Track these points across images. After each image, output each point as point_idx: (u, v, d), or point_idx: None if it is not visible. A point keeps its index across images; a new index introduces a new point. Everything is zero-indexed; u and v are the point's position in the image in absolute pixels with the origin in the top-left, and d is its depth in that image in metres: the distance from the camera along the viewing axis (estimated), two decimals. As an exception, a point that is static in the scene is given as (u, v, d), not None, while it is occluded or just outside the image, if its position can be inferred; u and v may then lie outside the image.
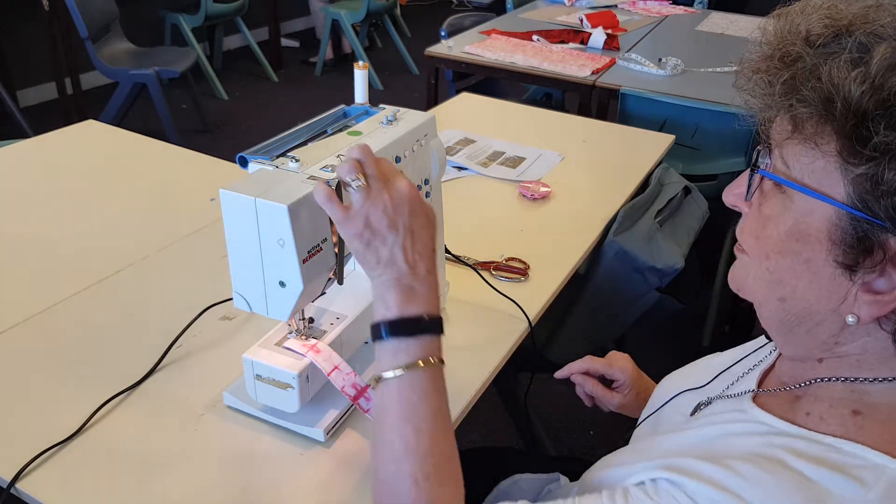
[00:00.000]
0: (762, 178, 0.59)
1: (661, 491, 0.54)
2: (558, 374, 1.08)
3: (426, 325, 0.70)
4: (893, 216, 0.49)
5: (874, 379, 0.56)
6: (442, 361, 0.71)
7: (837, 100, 0.49)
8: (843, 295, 0.54)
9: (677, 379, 0.85)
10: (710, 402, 0.71)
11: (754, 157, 0.59)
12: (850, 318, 0.54)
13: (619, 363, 1.05)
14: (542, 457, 1.62)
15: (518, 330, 1.08)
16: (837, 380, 0.58)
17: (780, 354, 0.71)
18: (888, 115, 0.48)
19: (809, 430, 0.56)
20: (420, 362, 0.69)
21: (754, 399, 0.65)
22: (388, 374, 0.69)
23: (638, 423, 0.88)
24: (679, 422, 0.75)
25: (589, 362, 1.07)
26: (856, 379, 0.57)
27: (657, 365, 1.02)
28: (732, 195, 0.63)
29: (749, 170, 0.60)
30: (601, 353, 1.11)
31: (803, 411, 0.59)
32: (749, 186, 0.60)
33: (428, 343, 0.70)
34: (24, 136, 2.38)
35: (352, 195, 0.70)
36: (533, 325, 1.09)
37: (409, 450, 0.67)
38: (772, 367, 0.71)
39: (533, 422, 1.83)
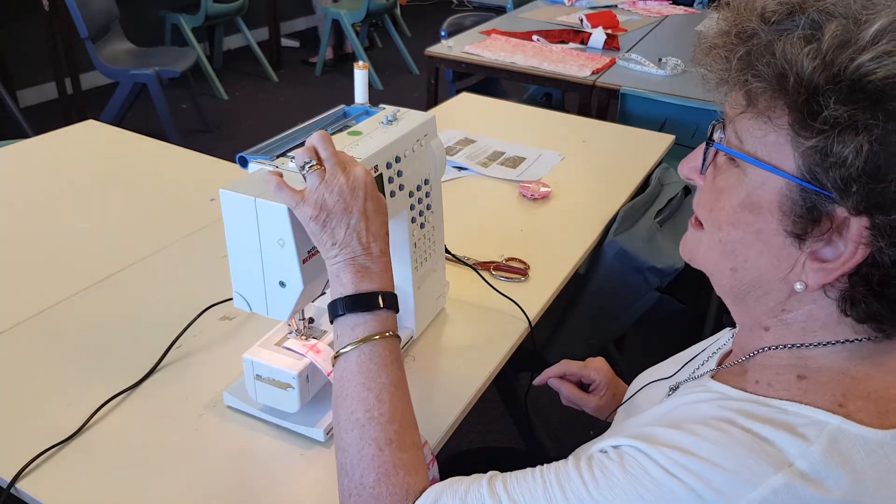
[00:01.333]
0: (717, 152, 0.61)
1: (625, 455, 0.57)
2: (536, 381, 1.10)
3: (380, 301, 0.72)
4: (841, 187, 0.51)
5: (817, 344, 0.59)
6: (398, 336, 0.74)
7: (790, 75, 0.51)
8: (791, 264, 0.56)
9: (648, 373, 0.89)
10: (678, 387, 0.75)
11: (709, 131, 0.62)
12: (798, 286, 0.57)
13: (594, 365, 1.08)
14: (541, 457, 1.62)
15: (518, 330, 1.08)
16: (783, 347, 0.61)
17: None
18: (838, 90, 0.49)
19: (759, 395, 0.59)
20: (377, 336, 0.71)
21: (713, 377, 0.68)
22: (347, 348, 0.71)
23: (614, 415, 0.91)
24: (649, 410, 0.76)
25: (564, 366, 1.09)
26: (801, 345, 0.59)
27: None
28: (687, 168, 0.65)
29: (704, 144, 0.62)
30: (601, 354, 1.12)
31: (753, 380, 0.62)
32: (704, 160, 0.63)
33: (384, 318, 0.73)
34: (24, 136, 2.38)
35: (307, 179, 0.73)
36: (533, 325, 1.09)
37: (372, 416, 0.69)
38: (731, 349, 0.74)
39: (533, 422, 1.83)
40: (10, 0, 3.81)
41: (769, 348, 0.62)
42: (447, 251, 1.15)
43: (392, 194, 0.90)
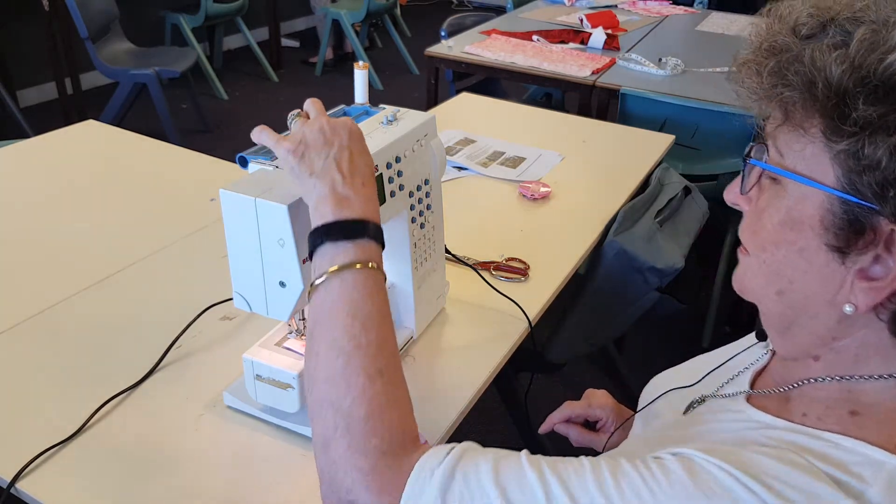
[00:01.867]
0: (760, 174, 0.60)
1: (691, 461, 0.53)
2: (541, 430, 1.04)
3: (364, 229, 0.67)
4: (878, 192, 0.49)
5: (870, 376, 0.56)
6: (383, 272, 0.69)
7: (819, 81, 0.51)
8: (838, 283, 0.54)
9: (667, 377, 0.85)
10: (704, 401, 0.71)
11: (747, 150, 0.60)
12: (847, 308, 0.54)
13: (598, 401, 1.02)
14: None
15: (518, 330, 1.08)
16: (832, 379, 0.58)
17: (773, 355, 0.71)
18: (867, 91, 0.49)
19: (808, 426, 0.56)
20: (358, 265, 0.66)
21: (748, 399, 0.65)
22: (324, 277, 0.65)
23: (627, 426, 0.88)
24: (670, 419, 0.75)
25: (568, 409, 1.03)
26: (851, 377, 0.57)
27: (657, 365, 1.02)
28: (732, 193, 0.63)
29: (743, 164, 0.61)
30: (601, 354, 1.11)
31: (799, 412, 0.59)
32: (743, 178, 0.61)
33: (367, 248, 0.67)
34: (24, 136, 2.38)
35: (292, 126, 0.73)
36: (533, 325, 1.09)
37: (359, 345, 0.63)
38: (764, 367, 0.71)
39: (533, 422, 1.83)
40: (10, 0, 3.81)
41: (818, 379, 0.59)
42: (447, 251, 1.15)
43: (392, 194, 0.90)
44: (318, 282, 0.66)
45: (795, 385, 0.60)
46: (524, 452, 0.59)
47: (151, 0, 4.53)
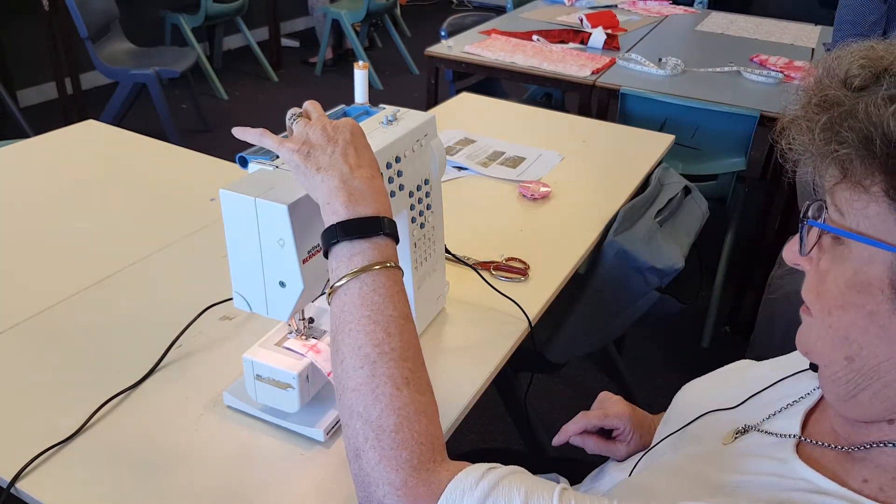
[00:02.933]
0: (820, 234, 0.56)
1: None
2: (556, 441, 0.99)
3: (379, 225, 0.66)
4: None
5: None
6: (400, 268, 0.68)
7: (876, 136, 0.48)
8: None
9: (703, 390, 0.80)
10: (747, 432, 0.67)
11: (804, 210, 0.57)
12: None
13: (614, 410, 0.97)
14: (541, 458, 1.62)
15: (518, 330, 1.08)
16: None
17: None
18: None
19: (865, 497, 0.53)
20: (377, 266, 0.65)
21: (798, 451, 0.60)
22: (345, 280, 0.65)
23: (658, 437, 0.82)
24: (709, 448, 0.70)
25: (584, 421, 0.97)
26: None
27: (657, 365, 1.02)
28: (791, 252, 0.59)
29: (800, 225, 0.57)
30: (601, 354, 1.10)
31: (859, 477, 0.55)
32: (801, 240, 0.57)
33: (384, 247, 0.67)
34: (24, 136, 2.38)
35: (294, 128, 0.73)
36: (533, 325, 1.09)
37: (383, 352, 0.62)
38: (817, 404, 0.66)
39: (533, 422, 1.83)
40: (10, 0, 3.81)
41: (889, 444, 0.54)
42: (447, 251, 1.15)
43: (392, 194, 0.90)
44: (337, 285, 0.65)
45: (865, 447, 0.56)
46: (558, 489, 0.58)
47: (151, 0, 4.53)
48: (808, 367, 0.70)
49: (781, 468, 0.58)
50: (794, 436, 0.62)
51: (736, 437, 0.68)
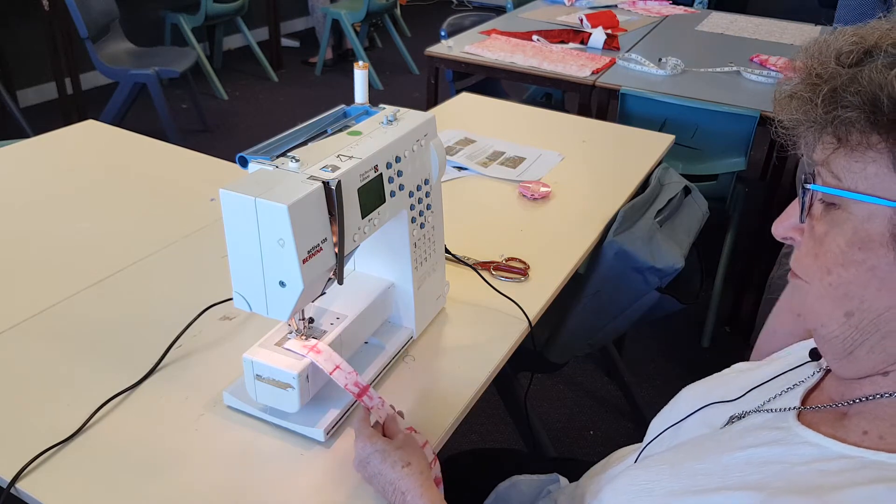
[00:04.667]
0: (811, 203, 0.59)
1: None
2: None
3: None
4: None
5: None
6: None
7: (883, 97, 0.51)
8: None
9: (701, 390, 0.82)
10: (745, 416, 0.69)
11: (803, 178, 0.59)
12: None
13: None
14: (541, 458, 1.62)
15: (518, 330, 1.08)
16: None
17: (825, 373, 0.69)
18: None
19: (865, 448, 0.55)
20: None
21: (799, 416, 0.63)
22: None
23: (653, 431, 0.83)
24: (706, 434, 0.72)
25: None
26: None
27: (657, 365, 1.02)
28: (782, 227, 0.62)
29: (800, 192, 0.60)
30: (601, 354, 1.10)
31: (859, 430, 0.57)
32: (802, 206, 0.60)
33: None
34: (24, 136, 2.38)
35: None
36: (533, 325, 1.09)
37: None
38: (817, 385, 0.68)
39: (533, 422, 1.83)
40: (10, 0, 3.81)
41: (885, 395, 0.57)
42: (447, 251, 1.15)
43: (392, 194, 0.90)
44: None
45: (858, 401, 0.59)
46: None
47: (151, 0, 4.53)
48: (808, 358, 0.72)
49: (783, 435, 0.60)
50: (795, 407, 0.65)
51: (733, 422, 0.70)
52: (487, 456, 1.22)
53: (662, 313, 1.48)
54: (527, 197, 1.48)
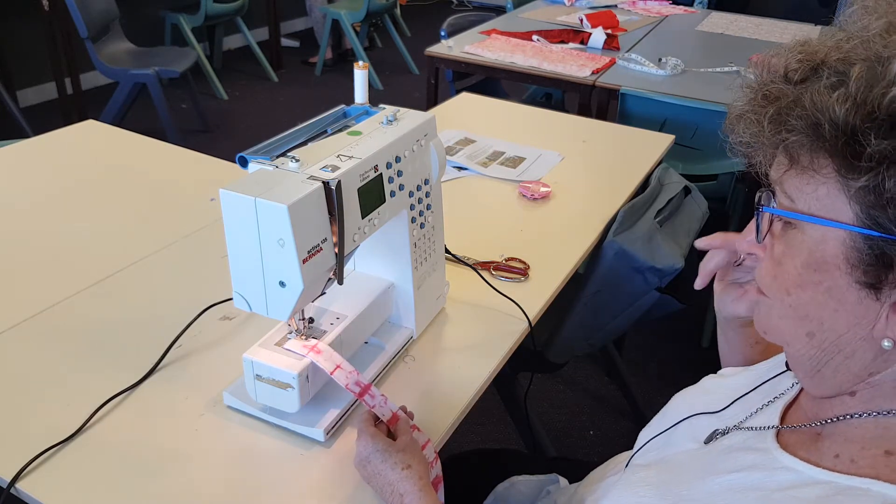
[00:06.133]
0: (771, 220, 0.59)
1: None
2: (698, 285, 0.88)
3: None
4: None
5: None
6: None
7: (824, 121, 0.51)
8: (873, 319, 0.53)
9: (690, 398, 0.82)
10: (728, 432, 0.70)
11: (757, 198, 0.59)
12: (885, 343, 0.53)
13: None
14: (540, 458, 1.62)
15: (518, 330, 1.08)
16: (869, 415, 0.57)
17: (802, 388, 0.69)
18: (876, 126, 0.48)
19: (837, 472, 0.55)
20: None
21: (778, 436, 0.63)
22: None
23: (642, 440, 0.84)
24: (692, 450, 0.72)
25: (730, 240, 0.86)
26: (889, 412, 0.55)
27: (657, 365, 1.02)
28: (746, 243, 0.63)
29: (756, 213, 0.60)
30: (601, 354, 1.10)
31: (831, 453, 0.57)
32: (758, 228, 0.60)
33: None
34: (24, 136, 2.38)
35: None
36: (533, 325, 1.09)
37: None
38: (795, 399, 0.69)
39: (533, 422, 1.83)
40: (10, 0, 3.81)
41: (853, 416, 0.57)
42: (447, 251, 1.15)
43: (392, 194, 0.90)
44: None
45: (832, 420, 0.59)
46: None
47: (151, 0, 4.53)
48: (786, 367, 0.72)
49: (763, 459, 0.60)
50: (774, 426, 0.65)
51: (717, 438, 0.70)
52: (487, 456, 1.22)
53: (662, 313, 1.48)
54: (527, 197, 1.48)
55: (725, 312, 0.87)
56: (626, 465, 0.83)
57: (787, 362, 0.70)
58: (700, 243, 0.88)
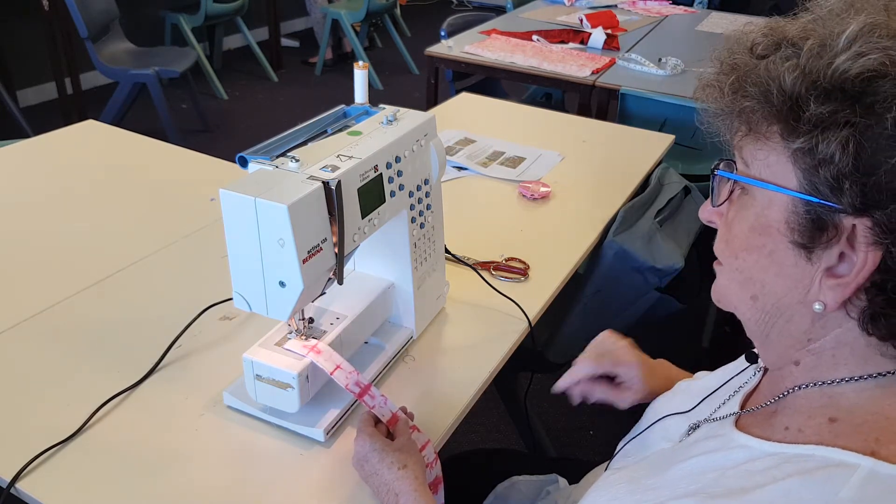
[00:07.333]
0: (731, 189, 0.62)
1: None
2: (559, 387, 0.97)
3: None
4: (834, 186, 0.51)
5: (849, 378, 0.57)
6: None
7: (774, 88, 0.54)
8: (807, 283, 0.56)
9: (664, 401, 0.85)
10: (698, 427, 0.72)
11: (715, 164, 0.63)
12: (816, 306, 0.56)
13: (625, 359, 0.97)
14: (540, 458, 1.62)
15: (518, 330, 1.08)
16: (815, 385, 0.59)
17: (763, 374, 0.72)
18: (817, 93, 0.52)
19: (786, 443, 0.57)
20: None
21: (737, 421, 0.65)
22: None
23: (622, 443, 0.86)
24: (666, 450, 0.74)
25: (592, 366, 0.96)
26: (831, 381, 0.58)
27: (657, 365, 1.02)
28: (706, 211, 0.66)
29: (712, 176, 0.63)
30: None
31: (782, 426, 0.59)
32: (712, 190, 0.63)
33: None
34: (24, 136, 2.38)
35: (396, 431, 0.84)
36: (533, 325, 1.09)
37: None
38: (756, 387, 0.71)
39: (533, 422, 1.83)
40: (10, 0, 3.81)
41: (800, 387, 0.60)
42: (447, 251, 1.15)
43: (392, 194, 0.90)
44: None
45: (781, 396, 0.62)
46: None
47: (151, 0, 4.53)
48: (747, 362, 0.76)
49: (721, 443, 0.63)
50: (734, 413, 0.67)
51: (690, 433, 0.72)
52: (487, 456, 1.22)
53: (662, 313, 1.48)
54: (527, 197, 1.48)
55: (626, 404, 0.96)
56: (605, 470, 0.85)
57: (746, 355, 0.75)
58: (564, 382, 0.98)
